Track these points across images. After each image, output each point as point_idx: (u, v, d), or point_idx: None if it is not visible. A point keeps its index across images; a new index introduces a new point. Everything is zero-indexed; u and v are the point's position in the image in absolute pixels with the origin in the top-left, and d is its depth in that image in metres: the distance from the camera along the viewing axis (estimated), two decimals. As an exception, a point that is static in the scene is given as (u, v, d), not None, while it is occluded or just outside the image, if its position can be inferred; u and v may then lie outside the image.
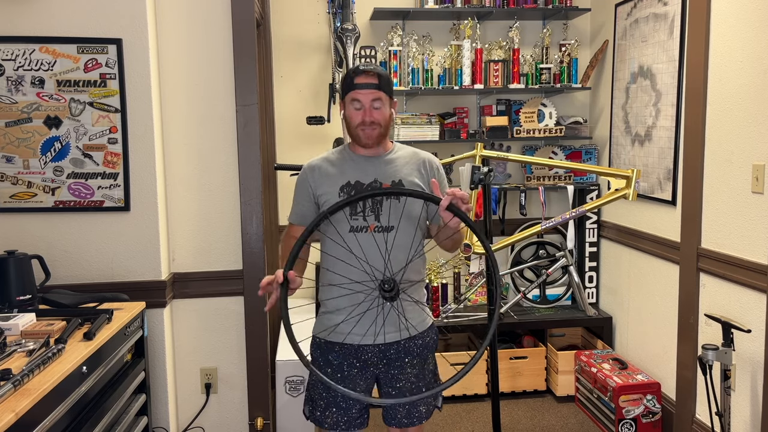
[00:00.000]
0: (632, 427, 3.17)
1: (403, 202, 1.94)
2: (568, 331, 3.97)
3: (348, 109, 1.96)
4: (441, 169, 2.08)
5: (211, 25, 2.66)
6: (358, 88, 1.92)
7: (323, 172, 2.01)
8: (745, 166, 2.55)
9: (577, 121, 3.90)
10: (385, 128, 1.97)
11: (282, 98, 3.77)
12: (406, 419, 2.03)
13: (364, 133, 1.94)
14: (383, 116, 1.95)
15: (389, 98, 1.97)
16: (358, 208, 1.92)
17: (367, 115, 1.92)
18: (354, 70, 1.95)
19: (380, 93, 1.92)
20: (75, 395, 1.78)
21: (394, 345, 1.97)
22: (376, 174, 1.97)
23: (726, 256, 2.67)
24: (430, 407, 2.08)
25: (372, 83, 1.91)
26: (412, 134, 3.68)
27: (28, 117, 2.49)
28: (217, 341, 2.79)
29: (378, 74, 1.93)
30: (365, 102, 1.92)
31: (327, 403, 2.00)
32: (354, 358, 1.98)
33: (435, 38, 3.82)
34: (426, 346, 2.04)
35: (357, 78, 1.93)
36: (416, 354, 2.01)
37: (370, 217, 1.92)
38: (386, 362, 1.99)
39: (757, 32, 2.47)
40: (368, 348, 1.96)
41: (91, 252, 2.58)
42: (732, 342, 2.49)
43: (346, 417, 1.99)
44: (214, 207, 2.73)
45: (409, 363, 2.00)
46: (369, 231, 1.92)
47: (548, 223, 2.67)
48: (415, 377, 2.02)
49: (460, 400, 3.63)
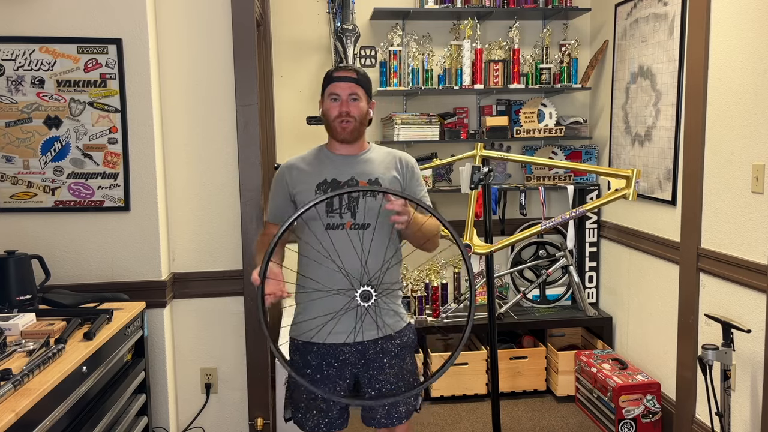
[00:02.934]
0: (632, 427, 3.17)
1: (379, 200, 1.95)
2: (568, 331, 3.97)
3: (326, 103, 2.01)
4: (416, 167, 2.11)
5: (211, 25, 2.66)
6: (337, 80, 1.98)
7: (300, 170, 2.03)
8: (745, 166, 2.55)
9: (577, 121, 3.90)
10: (361, 123, 2.01)
11: (282, 98, 3.77)
12: (386, 420, 2.03)
13: (340, 126, 1.98)
14: (360, 110, 1.99)
15: (367, 96, 2.02)
16: (334, 205, 1.95)
17: (344, 107, 1.97)
18: (335, 68, 2.04)
19: (358, 87, 1.99)
20: (75, 395, 1.78)
21: (372, 345, 1.99)
22: (353, 172, 2.00)
23: (726, 256, 2.67)
24: (410, 408, 2.08)
25: (350, 77, 1.98)
26: (412, 134, 3.68)
27: (28, 117, 2.49)
28: (217, 341, 2.79)
29: (356, 71, 2.01)
30: (343, 94, 1.97)
31: (307, 406, 2.01)
32: (332, 358, 1.99)
33: (435, 38, 3.81)
34: (404, 345, 2.06)
35: (336, 72, 2.00)
36: (394, 354, 2.03)
37: (346, 214, 1.95)
38: (365, 362, 2.00)
39: (757, 32, 2.47)
40: (346, 347, 1.98)
41: (91, 252, 2.58)
42: (732, 342, 2.49)
43: (326, 419, 2.01)
44: (214, 207, 2.73)
45: (387, 363, 2.01)
46: (345, 228, 1.93)
47: (548, 223, 2.67)
48: (394, 377, 2.03)
49: (460, 400, 3.63)
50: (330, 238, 1.92)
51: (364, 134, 2.07)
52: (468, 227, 2.76)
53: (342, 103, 1.97)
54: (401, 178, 2.05)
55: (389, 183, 2.01)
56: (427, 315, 3.73)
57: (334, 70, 2.02)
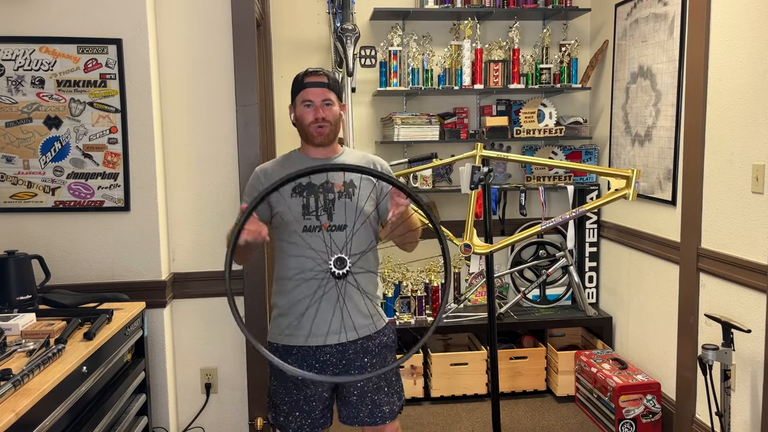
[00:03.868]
0: (632, 427, 3.17)
1: (355, 201, 1.97)
2: (568, 331, 3.97)
3: (299, 109, 2.02)
4: (391, 172, 2.12)
5: (212, 25, 2.66)
6: (309, 86, 1.99)
7: (275, 174, 2.03)
8: (745, 166, 2.55)
9: (577, 121, 3.90)
10: (335, 126, 2.03)
11: (282, 98, 3.77)
12: (369, 418, 2.04)
13: (317, 131, 1.99)
14: (333, 115, 2.01)
15: (338, 99, 2.04)
16: (311, 207, 1.96)
17: (318, 113, 1.98)
18: (303, 73, 2.03)
19: (330, 92, 2.00)
20: (75, 395, 1.78)
21: (352, 345, 1.99)
22: (328, 175, 2.00)
23: (726, 256, 2.67)
24: (394, 408, 2.08)
25: (322, 82, 2.00)
26: (412, 134, 3.68)
27: (28, 117, 2.49)
28: (217, 341, 2.79)
29: (326, 75, 2.02)
30: (316, 100, 1.98)
31: (290, 408, 2.01)
32: (313, 359, 1.99)
33: (435, 38, 3.82)
34: (384, 345, 2.06)
35: (307, 78, 2.00)
36: (375, 353, 2.03)
37: (322, 216, 1.96)
38: (345, 363, 2.00)
39: (757, 32, 2.47)
40: (326, 349, 1.98)
41: (91, 252, 2.58)
42: (732, 342, 2.49)
43: (309, 419, 2.01)
44: (214, 207, 2.73)
45: (368, 363, 2.02)
46: (322, 230, 1.94)
47: (548, 223, 2.67)
48: (376, 377, 2.03)
49: (459, 400, 3.63)
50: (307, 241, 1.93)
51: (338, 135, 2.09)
52: (468, 227, 2.76)
53: (316, 110, 1.99)
54: (375, 181, 2.05)
55: (364, 186, 2.02)
56: (427, 315, 3.74)
57: (304, 75, 2.01)
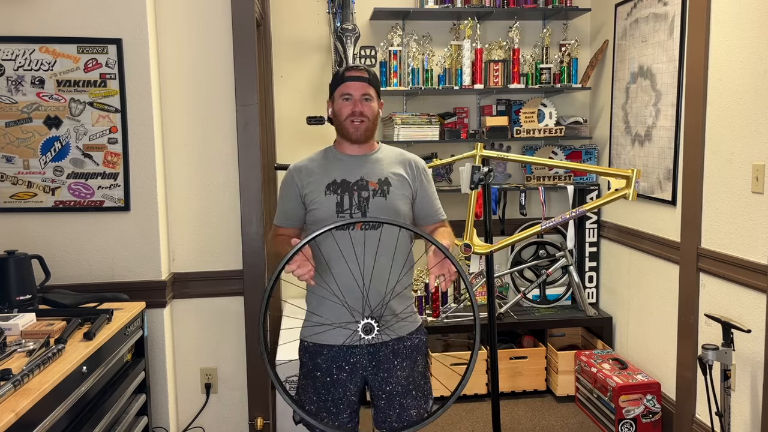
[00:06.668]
0: (632, 427, 3.17)
1: (390, 200, 1.96)
2: (568, 331, 3.97)
3: (337, 103, 2.00)
4: (428, 171, 2.11)
5: (211, 25, 2.66)
6: (349, 80, 1.97)
7: (309, 172, 2.02)
8: (745, 166, 2.55)
9: (577, 121, 3.90)
10: (373, 124, 2.00)
11: (282, 98, 3.77)
12: (397, 423, 2.02)
13: (353, 126, 1.97)
14: (372, 111, 1.99)
15: (377, 96, 2.02)
16: (345, 205, 1.94)
17: (357, 107, 1.96)
18: (345, 68, 2.03)
19: (370, 87, 1.98)
20: (75, 395, 1.78)
21: (384, 347, 1.98)
22: (362, 173, 1.99)
23: (726, 256, 2.67)
24: (422, 411, 2.06)
25: (363, 77, 1.98)
26: (412, 134, 3.68)
27: (28, 117, 2.49)
28: (217, 341, 2.79)
29: (367, 70, 2.00)
30: (356, 94, 1.96)
31: (317, 408, 2.00)
32: (343, 361, 1.97)
33: (435, 38, 3.81)
34: (415, 347, 2.04)
35: (348, 72, 1.99)
36: (405, 356, 2.01)
37: (356, 214, 1.94)
38: (375, 364, 1.99)
39: (757, 32, 2.47)
40: (357, 350, 1.96)
41: (91, 252, 2.58)
42: (732, 342, 2.49)
43: (336, 422, 2.00)
44: (214, 207, 2.73)
45: (398, 365, 2.00)
46: (356, 228, 1.92)
47: (548, 223, 2.67)
48: (405, 380, 2.01)
49: (460, 400, 3.62)
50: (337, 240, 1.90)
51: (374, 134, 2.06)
52: (468, 227, 2.76)
53: (355, 103, 1.96)
54: (410, 180, 2.03)
55: (397, 181, 2.00)
56: (427, 315, 3.74)
57: (345, 70, 2.00)
